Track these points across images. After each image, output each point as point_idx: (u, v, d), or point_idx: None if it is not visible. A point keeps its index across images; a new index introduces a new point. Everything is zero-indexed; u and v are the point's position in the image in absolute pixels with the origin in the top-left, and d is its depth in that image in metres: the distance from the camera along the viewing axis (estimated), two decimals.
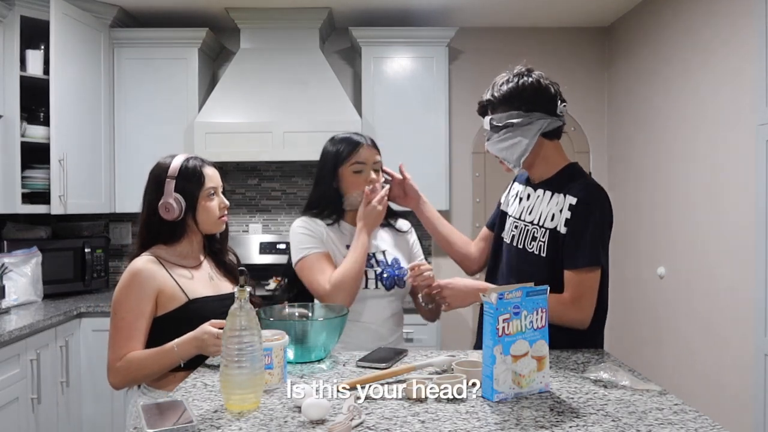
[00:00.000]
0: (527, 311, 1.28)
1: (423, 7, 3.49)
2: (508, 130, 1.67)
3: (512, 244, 1.76)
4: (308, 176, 3.83)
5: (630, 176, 3.52)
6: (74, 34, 3.15)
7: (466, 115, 3.80)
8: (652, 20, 3.27)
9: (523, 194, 1.80)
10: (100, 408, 3.08)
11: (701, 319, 2.77)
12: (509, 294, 1.26)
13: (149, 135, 3.45)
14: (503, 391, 1.25)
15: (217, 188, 1.78)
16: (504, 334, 1.25)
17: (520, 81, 1.68)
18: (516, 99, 1.66)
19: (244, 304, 1.24)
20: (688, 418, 1.14)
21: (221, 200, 1.78)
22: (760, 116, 2.31)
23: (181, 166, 1.73)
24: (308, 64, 3.46)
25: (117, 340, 1.64)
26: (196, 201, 1.73)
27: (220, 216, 1.77)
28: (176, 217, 1.70)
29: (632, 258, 3.47)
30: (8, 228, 3.30)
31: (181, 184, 1.71)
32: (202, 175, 1.73)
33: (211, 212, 1.75)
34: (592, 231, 1.62)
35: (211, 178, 1.76)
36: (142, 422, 1.10)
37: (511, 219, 1.80)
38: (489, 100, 1.71)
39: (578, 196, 1.64)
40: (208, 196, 1.74)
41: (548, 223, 1.67)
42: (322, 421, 1.13)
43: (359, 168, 1.85)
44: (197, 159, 1.77)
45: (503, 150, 1.71)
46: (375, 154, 1.89)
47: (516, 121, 1.65)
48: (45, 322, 2.72)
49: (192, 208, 1.72)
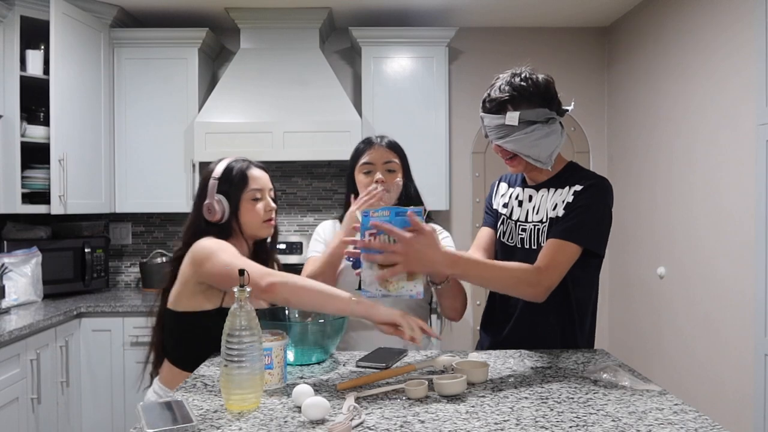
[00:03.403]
0: (397, 228, 1.44)
1: (423, 7, 3.49)
2: (536, 126, 1.60)
3: (523, 247, 1.72)
4: (308, 176, 3.84)
5: (630, 176, 3.52)
6: (74, 34, 3.16)
7: (466, 115, 3.81)
8: (652, 20, 3.27)
9: (523, 196, 1.77)
10: (100, 408, 3.09)
11: (701, 319, 2.77)
12: (374, 213, 1.46)
13: (149, 135, 3.45)
14: (370, 291, 1.47)
15: (264, 190, 1.73)
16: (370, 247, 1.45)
17: (539, 78, 1.63)
18: (540, 96, 1.62)
19: (244, 304, 1.24)
20: (688, 418, 1.14)
21: (267, 203, 1.73)
22: (760, 116, 2.31)
23: (226, 168, 1.71)
24: (308, 64, 3.46)
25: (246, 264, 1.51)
26: (239, 202, 1.70)
27: (265, 219, 1.72)
28: (219, 219, 1.68)
29: (632, 258, 3.47)
30: (8, 228, 3.30)
31: (224, 185, 1.69)
32: (246, 176, 1.70)
33: (254, 215, 1.71)
34: (590, 212, 1.61)
35: (257, 179, 1.72)
36: (141, 422, 1.10)
37: (516, 223, 1.76)
38: (511, 96, 1.61)
39: (584, 184, 1.64)
40: (252, 199, 1.71)
41: (551, 213, 1.66)
42: (322, 421, 1.13)
43: (368, 168, 1.87)
44: (244, 161, 1.74)
45: (532, 147, 1.62)
46: (387, 154, 1.88)
47: (553, 116, 1.62)
48: (45, 322, 2.72)
49: (235, 210, 1.70)
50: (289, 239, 3.73)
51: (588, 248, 1.60)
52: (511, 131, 1.62)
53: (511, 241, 1.76)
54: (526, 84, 1.61)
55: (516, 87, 1.61)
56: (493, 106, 1.64)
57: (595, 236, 1.63)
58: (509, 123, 1.60)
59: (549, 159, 1.64)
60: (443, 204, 3.50)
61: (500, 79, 1.65)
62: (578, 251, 1.59)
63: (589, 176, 1.68)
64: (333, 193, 3.85)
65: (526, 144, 1.62)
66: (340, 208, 3.85)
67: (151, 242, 3.79)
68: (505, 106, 1.62)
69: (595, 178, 1.67)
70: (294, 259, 3.66)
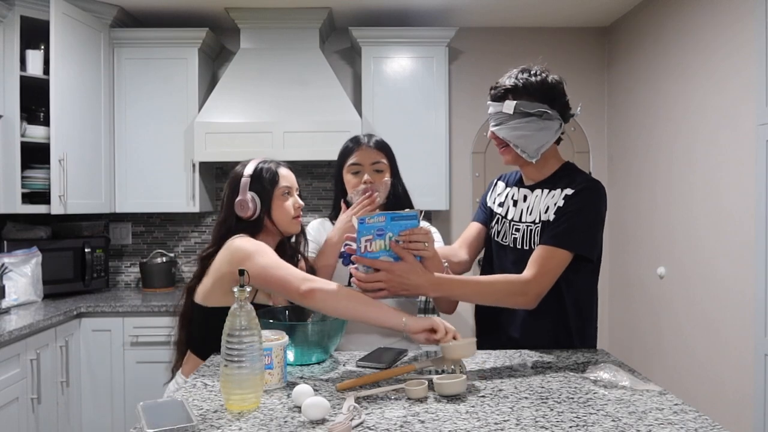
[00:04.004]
0: (392, 233, 1.49)
1: (423, 7, 3.49)
2: (531, 119, 1.63)
3: (515, 246, 1.73)
4: (308, 176, 3.84)
5: (630, 176, 3.52)
6: (74, 34, 3.16)
7: (466, 115, 3.81)
8: (652, 20, 3.27)
9: (518, 196, 1.78)
10: (100, 408, 3.09)
11: (701, 319, 2.77)
12: (370, 219, 1.48)
13: (149, 135, 3.45)
14: None
15: (292, 188, 1.79)
16: (366, 251, 1.48)
17: (548, 77, 1.67)
18: (542, 92, 1.64)
19: (245, 304, 1.24)
20: (688, 418, 1.14)
21: (296, 200, 1.79)
22: (760, 116, 2.31)
23: (256, 167, 1.76)
24: (308, 64, 3.46)
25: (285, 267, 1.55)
26: (271, 199, 1.74)
27: (295, 216, 1.78)
28: (251, 216, 1.72)
29: (632, 258, 3.47)
30: (8, 228, 3.30)
31: (256, 183, 1.74)
32: (276, 174, 1.76)
33: (286, 211, 1.76)
34: (581, 217, 1.61)
35: (286, 177, 1.79)
36: (141, 422, 1.10)
37: (510, 222, 1.77)
38: (514, 86, 1.66)
39: (576, 188, 1.64)
40: (283, 195, 1.76)
41: (543, 216, 1.67)
42: (322, 421, 1.14)
43: (356, 169, 1.89)
44: (272, 161, 1.80)
45: (522, 137, 1.65)
46: (375, 155, 1.88)
47: (548, 112, 1.63)
48: (45, 322, 2.72)
49: (267, 206, 1.74)
50: None
51: (578, 253, 1.61)
52: (506, 119, 1.66)
53: (505, 240, 1.78)
54: (532, 78, 1.65)
55: (521, 79, 1.66)
56: (496, 93, 1.69)
57: (586, 241, 1.63)
58: (505, 111, 1.66)
59: (536, 153, 1.67)
60: (443, 204, 3.50)
61: (511, 71, 1.70)
62: (569, 257, 1.60)
63: (581, 180, 1.68)
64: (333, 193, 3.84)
65: (516, 134, 1.66)
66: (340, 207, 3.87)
67: (151, 242, 3.79)
68: (506, 95, 1.66)
69: (587, 182, 1.67)
70: None
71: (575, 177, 1.70)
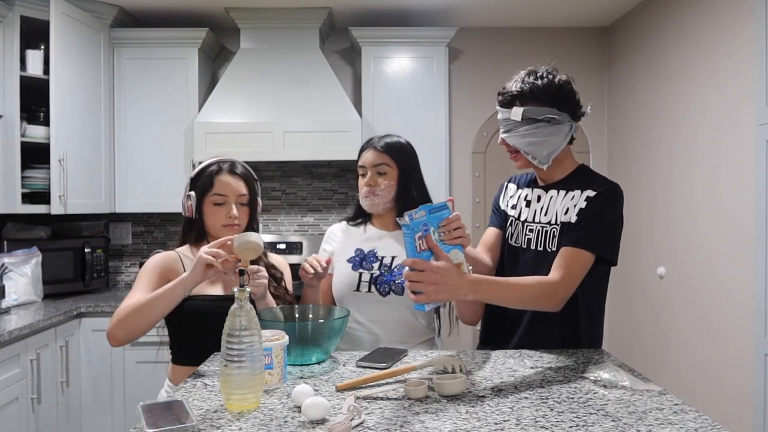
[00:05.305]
0: (434, 227, 1.41)
1: (423, 7, 3.49)
2: (540, 125, 1.60)
3: (530, 248, 1.70)
4: (308, 176, 3.84)
5: (630, 176, 3.52)
6: (74, 34, 3.16)
7: (466, 115, 3.81)
8: (652, 20, 3.27)
9: (532, 197, 1.75)
10: (100, 408, 3.09)
11: (701, 319, 2.77)
12: (416, 214, 1.37)
13: (149, 135, 3.45)
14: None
15: (229, 197, 1.74)
16: (422, 250, 1.37)
17: (555, 79, 1.63)
18: (549, 96, 1.61)
19: (245, 304, 1.24)
20: (688, 418, 1.14)
21: (228, 210, 1.74)
22: (760, 116, 2.31)
23: (201, 169, 1.77)
24: (308, 64, 3.46)
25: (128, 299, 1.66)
26: (202, 204, 1.76)
27: (224, 224, 1.74)
28: (189, 216, 1.76)
29: (632, 258, 3.47)
30: (8, 228, 3.30)
31: (193, 185, 1.76)
32: (211, 180, 1.74)
33: (214, 219, 1.75)
34: (603, 220, 1.59)
35: (224, 186, 1.74)
36: (141, 422, 1.10)
37: (525, 223, 1.74)
38: (520, 91, 1.62)
39: (598, 190, 1.62)
40: (213, 204, 1.74)
41: (562, 217, 1.64)
42: (322, 421, 1.13)
43: (362, 171, 1.88)
44: (221, 164, 1.77)
45: (532, 144, 1.63)
46: (379, 157, 1.84)
47: (556, 117, 1.61)
48: (45, 322, 2.72)
49: (200, 210, 1.76)
50: (289, 239, 3.73)
51: (602, 256, 1.59)
52: (515, 126, 1.63)
53: (516, 242, 1.74)
54: (538, 82, 1.62)
55: (527, 83, 1.63)
56: (504, 99, 1.66)
57: (609, 244, 1.62)
58: (513, 118, 1.63)
59: (547, 159, 1.65)
60: None
61: (518, 75, 1.67)
62: (592, 259, 1.57)
63: (602, 182, 1.66)
64: (333, 193, 3.85)
65: (526, 141, 1.63)
66: (340, 207, 3.88)
67: (151, 242, 3.79)
68: (514, 101, 1.64)
69: (608, 184, 1.65)
70: (294, 259, 3.65)
71: (594, 178, 1.68)
